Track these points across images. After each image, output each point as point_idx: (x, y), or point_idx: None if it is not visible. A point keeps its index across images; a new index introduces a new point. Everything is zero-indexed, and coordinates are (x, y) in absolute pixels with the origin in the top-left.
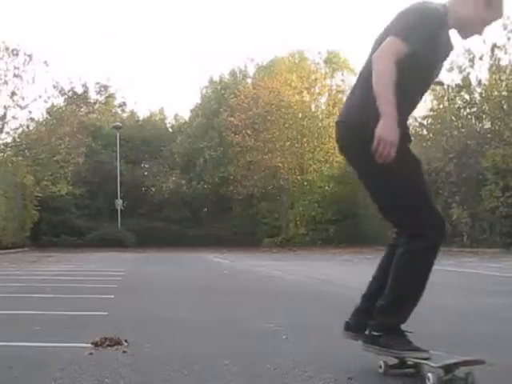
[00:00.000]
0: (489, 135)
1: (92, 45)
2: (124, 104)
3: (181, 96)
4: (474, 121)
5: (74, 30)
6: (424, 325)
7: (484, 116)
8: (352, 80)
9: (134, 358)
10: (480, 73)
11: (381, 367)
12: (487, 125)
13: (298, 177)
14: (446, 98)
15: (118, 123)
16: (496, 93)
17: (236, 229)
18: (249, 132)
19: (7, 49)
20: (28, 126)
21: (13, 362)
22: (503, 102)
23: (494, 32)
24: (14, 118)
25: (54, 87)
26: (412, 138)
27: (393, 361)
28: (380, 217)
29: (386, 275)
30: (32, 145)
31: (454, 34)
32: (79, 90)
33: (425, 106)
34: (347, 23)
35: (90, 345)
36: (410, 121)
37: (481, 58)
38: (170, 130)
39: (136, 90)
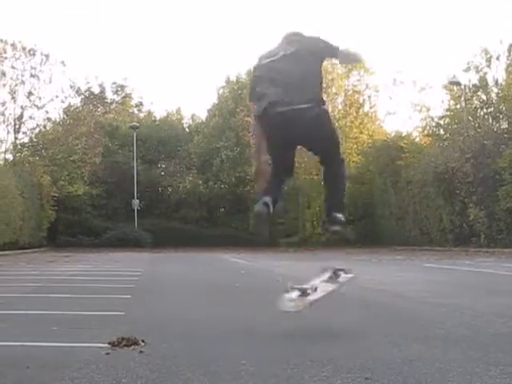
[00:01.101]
0: (506, 135)
1: (109, 45)
2: (141, 104)
3: (198, 96)
4: (490, 121)
5: (90, 29)
6: (440, 325)
7: (501, 116)
8: (368, 80)
9: (151, 357)
10: (497, 73)
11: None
12: (504, 125)
13: (315, 176)
14: (462, 98)
15: (134, 123)
16: None
17: (253, 229)
18: None
19: (24, 49)
20: (45, 126)
21: (30, 362)
22: None
23: (511, 32)
24: (30, 117)
25: (71, 87)
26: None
27: None
28: (397, 217)
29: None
30: (49, 145)
31: None
32: (96, 90)
33: (442, 106)
34: (362, 22)
35: (106, 345)
36: (427, 120)
37: (498, 58)
38: (187, 130)
39: (153, 90)
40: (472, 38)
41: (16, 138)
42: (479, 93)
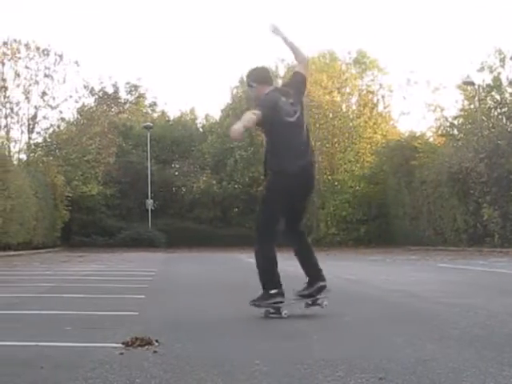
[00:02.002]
0: None
1: (122, 45)
2: (154, 104)
3: (211, 96)
4: (504, 121)
5: (104, 30)
6: (454, 325)
7: None
8: (382, 80)
9: (165, 357)
10: (511, 73)
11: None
12: None
13: (329, 177)
14: (476, 98)
15: (148, 123)
16: None
17: None
18: None
19: (38, 49)
20: (59, 126)
21: (44, 362)
22: None
23: None
24: (44, 118)
25: (85, 87)
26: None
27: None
28: (411, 217)
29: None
30: (63, 145)
31: None
32: (110, 90)
33: (456, 106)
34: (376, 22)
35: (120, 345)
36: (441, 120)
37: (511, 58)
38: (201, 130)
39: (167, 90)
40: (486, 38)
41: (30, 138)
42: (493, 93)
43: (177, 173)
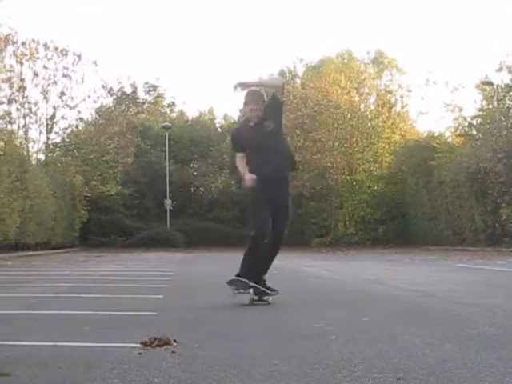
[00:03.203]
0: None
1: (141, 45)
2: (173, 104)
3: (230, 96)
4: None
5: (122, 29)
6: (472, 325)
7: None
8: (400, 80)
9: (183, 357)
10: None
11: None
12: None
13: (347, 177)
14: (495, 98)
15: (167, 123)
16: None
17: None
18: (298, 132)
19: (56, 49)
20: (77, 126)
21: (62, 362)
22: None
23: None
24: (63, 117)
25: (103, 87)
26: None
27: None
28: (429, 217)
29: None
30: (81, 145)
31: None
32: (128, 90)
33: (474, 106)
34: (395, 22)
35: (139, 345)
36: (460, 120)
37: None
38: (219, 130)
39: (185, 90)
40: (504, 37)
41: (48, 138)
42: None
43: (195, 173)
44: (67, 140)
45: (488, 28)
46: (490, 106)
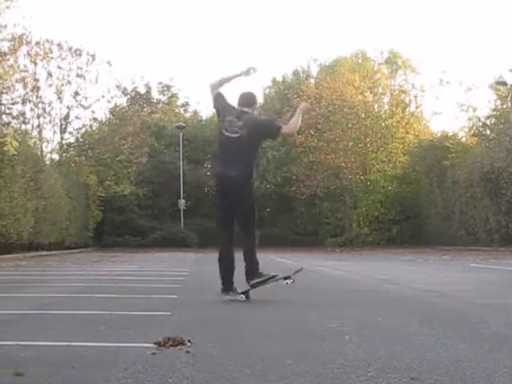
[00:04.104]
0: None
1: (154, 44)
2: (187, 104)
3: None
4: None
5: (136, 29)
6: (486, 325)
7: None
8: (414, 80)
9: (197, 357)
10: None
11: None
12: None
13: (361, 177)
14: (509, 98)
15: (181, 123)
16: None
17: (298, 229)
18: (312, 132)
19: (70, 49)
20: (91, 126)
21: (75, 362)
22: None
23: None
24: (77, 118)
25: (117, 87)
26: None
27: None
28: (443, 217)
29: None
30: (95, 145)
31: None
32: (142, 90)
33: (488, 106)
34: (408, 22)
35: (152, 345)
36: (474, 120)
37: None
38: None
39: (199, 89)
40: None
41: (62, 138)
42: None
43: (209, 173)
44: (81, 140)
45: (502, 28)
46: (504, 106)
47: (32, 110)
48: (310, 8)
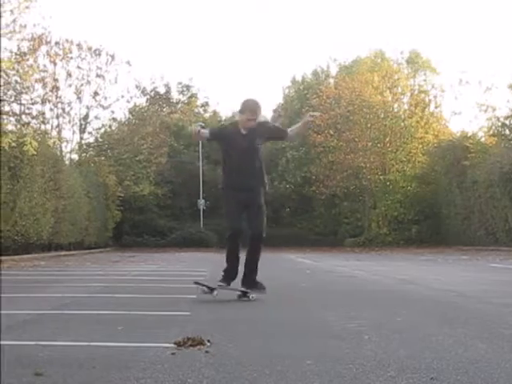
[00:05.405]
0: None
1: (174, 45)
2: (206, 104)
3: (263, 96)
4: None
5: (156, 29)
6: (506, 325)
7: None
8: (434, 80)
9: (217, 358)
10: None
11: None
12: None
13: (381, 177)
14: None
15: (200, 123)
16: None
17: (318, 229)
18: (331, 132)
19: (90, 49)
20: (110, 126)
21: (96, 362)
22: None
23: None
24: (96, 118)
25: (137, 87)
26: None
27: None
28: (462, 217)
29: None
30: (114, 145)
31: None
32: (161, 90)
33: (507, 106)
34: (429, 22)
35: (172, 345)
36: (493, 120)
37: None
38: None
39: (218, 90)
40: None
41: (81, 138)
42: None
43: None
44: (100, 140)
45: None
46: None
47: (51, 109)
48: (330, 8)
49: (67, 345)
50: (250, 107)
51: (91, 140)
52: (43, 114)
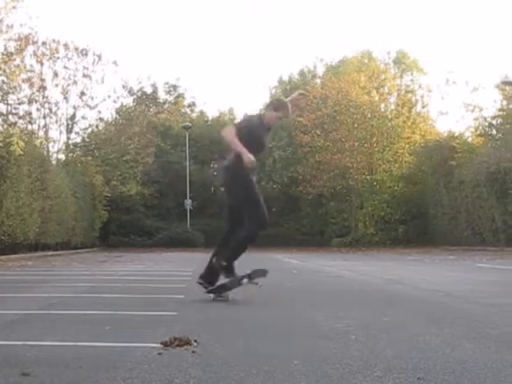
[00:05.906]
0: None
1: (161, 45)
2: (193, 104)
3: (250, 96)
4: None
5: (142, 29)
6: (493, 325)
7: None
8: (421, 80)
9: (204, 358)
10: None
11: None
12: None
13: (368, 177)
14: None
15: (187, 123)
16: None
17: (305, 228)
18: (318, 132)
19: (76, 49)
20: (97, 126)
21: (83, 362)
22: None
23: None
24: (83, 117)
25: (123, 87)
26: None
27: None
28: (449, 217)
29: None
30: (101, 145)
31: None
32: (148, 90)
33: (494, 105)
34: (416, 23)
35: (159, 345)
36: (480, 120)
37: None
38: None
39: (205, 90)
40: None
41: (68, 138)
42: None
43: (215, 173)
44: (87, 140)
45: (508, 28)
46: (510, 106)
47: (38, 109)
48: (317, 8)
49: (54, 345)
50: (287, 108)
51: (78, 140)
52: (30, 113)
